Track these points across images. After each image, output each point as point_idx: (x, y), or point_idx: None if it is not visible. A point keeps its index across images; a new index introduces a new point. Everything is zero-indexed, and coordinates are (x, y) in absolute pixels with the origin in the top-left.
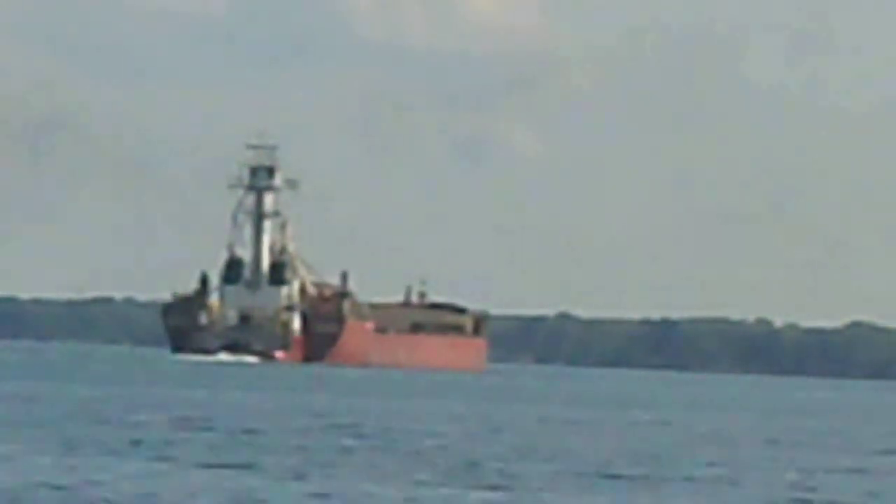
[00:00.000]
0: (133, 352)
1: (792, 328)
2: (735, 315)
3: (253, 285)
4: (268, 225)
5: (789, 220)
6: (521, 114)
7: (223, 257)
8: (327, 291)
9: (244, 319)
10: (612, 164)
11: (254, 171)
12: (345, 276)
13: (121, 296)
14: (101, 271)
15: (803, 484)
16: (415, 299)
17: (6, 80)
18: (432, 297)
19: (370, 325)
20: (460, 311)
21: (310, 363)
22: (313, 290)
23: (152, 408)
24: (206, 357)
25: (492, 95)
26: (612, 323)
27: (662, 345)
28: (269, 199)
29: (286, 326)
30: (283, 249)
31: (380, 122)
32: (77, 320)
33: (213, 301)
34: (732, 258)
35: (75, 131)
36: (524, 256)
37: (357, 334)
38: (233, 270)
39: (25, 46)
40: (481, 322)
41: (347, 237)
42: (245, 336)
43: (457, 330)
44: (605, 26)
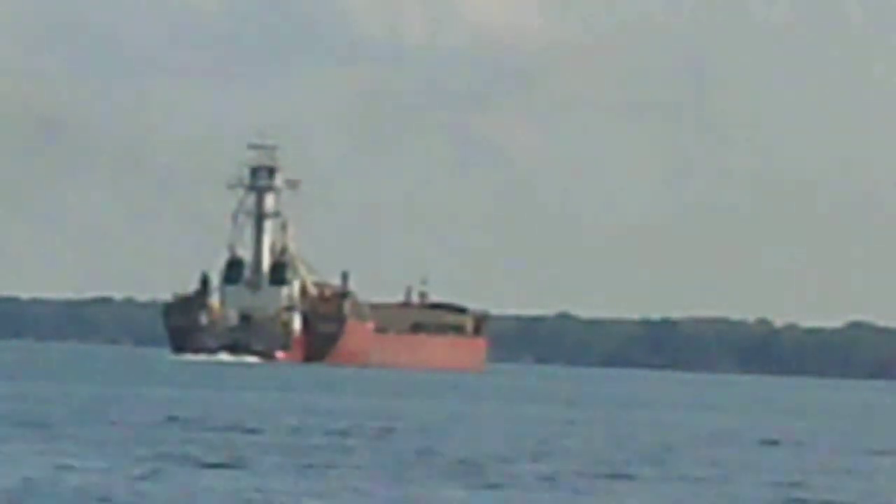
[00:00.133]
0: (133, 352)
1: (792, 328)
2: (735, 315)
3: (253, 285)
4: (268, 225)
5: (789, 220)
6: (521, 114)
7: (224, 257)
8: (328, 291)
9: (245, 319)
10: (612, 164)
11: (254, 171)
12: (345, 276)
13: (121, 296)
14: (101, 271)
15: (803, 484)
16: (415, 299)
17: (6, 80)
18: (433, 297)
19: (370, 325)
20: (460, 311)
21: (310, 363)
22: (314, 291)
23: (152, 408)
24: (207, 357)
25: (492, 95)
26: (612, 323)
27: (662, 345)
28: (269, 199)
29: (287, 326)
30: (284, 249)
31: (380, 122)
32: (77, 320)
33: (214, 301)
34: (732, 258)
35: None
36: (524, 256)
37: (357, 334)
38: (233, 270)
39: (25, 46)
40: (481, 322)
41: (348, 237)
42: (246, 336)
43: (457, 330)
44: (605, 26)
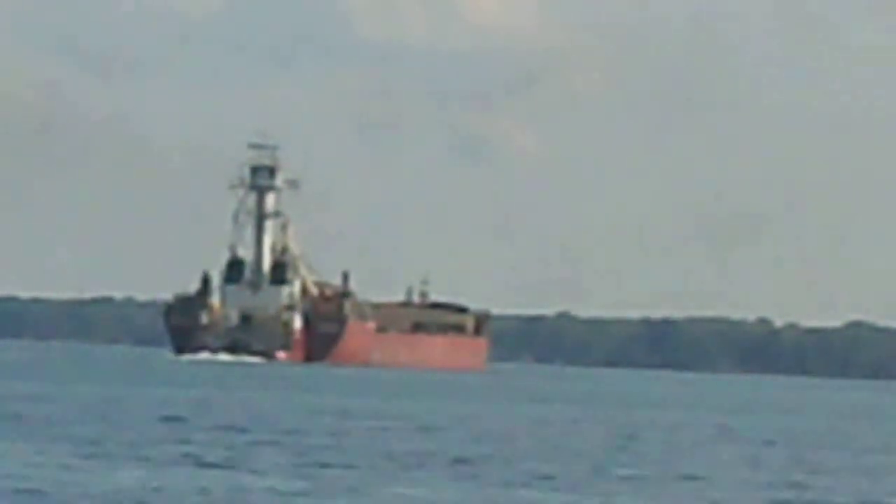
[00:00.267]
0: (133, 352)
1: (792, 328)
2: (735, 315)
3: (254, 285)
4: (269, 225)
5: (789, 221)
6: (521, 113)
7: (225, 257)
8: (328, 291)
9: (245, 319)
10: (612, 164)
11: (255, 171)
12: (346, 276)
13: (121, 296)
14: (101, 271)
15: (802, 484)
16: (416, 299)
17: (6, 80)
18: (433, 296)
19: (371, 325)
20: (461, 310)
21: (311, 363)
22: (314, 290)
23: (153, 408)
24: (208, 357)
25: (492, 95)
26: (612, 323)
27: (662, 345)
28: (270, 199)
29: (287, 326)
30: (285, 249)
31: (380, 122)
32: (77, 320)
33: (215, 301)
34: (732, 258)
35: (75, 131)
36: (524, 256)
37: (358, 334)
38: (234, 270)
39: (25, 46)
40: (482, 322)
41: (348, 237)
42: (246, 336)
43: (458, 329)
44: (604, 26)
